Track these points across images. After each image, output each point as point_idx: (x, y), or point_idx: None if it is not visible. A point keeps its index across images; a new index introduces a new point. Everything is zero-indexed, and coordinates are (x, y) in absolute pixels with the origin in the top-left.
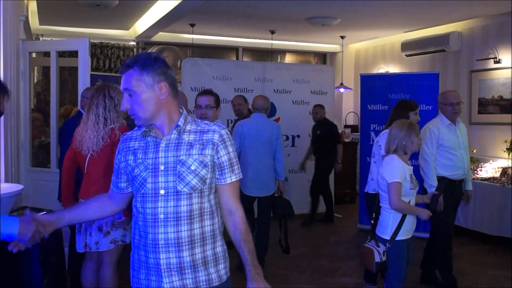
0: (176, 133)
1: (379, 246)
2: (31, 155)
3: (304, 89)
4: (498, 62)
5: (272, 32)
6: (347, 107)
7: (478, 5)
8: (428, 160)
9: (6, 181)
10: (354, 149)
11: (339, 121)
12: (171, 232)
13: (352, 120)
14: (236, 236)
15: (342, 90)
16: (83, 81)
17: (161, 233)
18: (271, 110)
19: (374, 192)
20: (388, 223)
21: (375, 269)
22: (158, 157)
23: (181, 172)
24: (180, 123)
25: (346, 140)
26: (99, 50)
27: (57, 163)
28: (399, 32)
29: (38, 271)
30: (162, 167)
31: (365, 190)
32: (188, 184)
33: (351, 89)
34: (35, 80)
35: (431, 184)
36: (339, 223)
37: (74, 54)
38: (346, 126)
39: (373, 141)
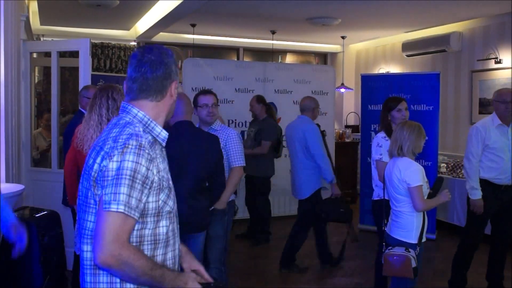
0: None
1: (409, 252)
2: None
3: (305, 89)
4: (499, 62)
5: (273, 32)
6: (348, 107)
7: (479, 6)
8: (472, 160)
9: (7, 181)
10: (354, 149)
11: (340, 121)
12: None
13: (353, 120)
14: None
15: (343, 90)
16: (84, 81)
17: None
18: None
19: (379, 199)
20: (412, 226)
21: (413, 275)
22: (168, 167)
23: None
24: None
25: (347, 140)
26: (100, 50)
27: (58, 163)
28: (400, 32)
29: (39, 271)
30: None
31: (372, 198)
32: None
33: (352, 89)
34: (36, 80)
35: (473, 186)
36: (340, 223)
37: (75, 54)
38: (347, 126)
39: None
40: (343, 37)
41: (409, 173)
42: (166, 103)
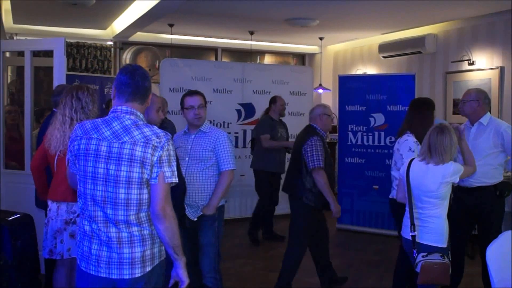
0: None
1: (445, 259)
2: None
3: (283, 90)
4: (472, 64)
5: (251, 33)
6: None
7: (454, 8)
8: None
9: None
10: (332, 150)
11: None
12: None
13: None
14: None
15: (320, 91)
16: (59, 81)
17: None
18: (250, 111)
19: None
20: (443, 230)
21: (450, 281)
22: None
23: None
24: None
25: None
26: (76, 50)
27: None
28: (377, 34)
29: (12, 275)
30: None
31: (392, 196)
32: None
33: (329, 90)
34: (9, 80)
35: None
36: None
37: (49, 53)
38: None
39: (351, 141)
40: (321, 38)
41: (453, 173)
42: (145, 107)
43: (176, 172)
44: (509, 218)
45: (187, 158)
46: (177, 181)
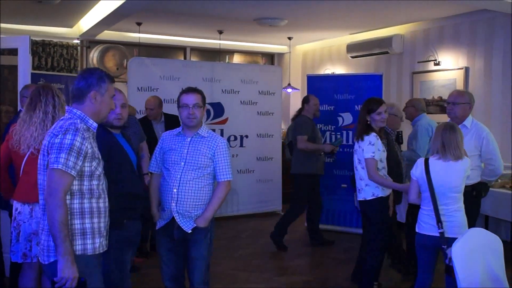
0: None
1: None
2: None
3: (252, 89)
4: (438, 64)
5: (220, 32)
6: (295, 107)
7: (420, 9)
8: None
9: None
10: None
11: (286, 121)
12: None
13: None
14: None
15: (289, 90)
16: (24, 80)
17: None
18: (219, 111)
19: (374, 197)
20: (465, 222)
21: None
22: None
23: None
24: None
25: None
26: (41, 48)
27: None
28: (345, 34)
29: None
30: None
31: (363, 198)
32: None
33: (298, 89)
34: None
35: None
36: None
37: (14, 52)
38: None
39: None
40: (289, 38)
41: (469, 167)
42: (88, 105)
43: (64, 160)
44: (482, 219)
45: (182, 164)
46: (69, 172)
